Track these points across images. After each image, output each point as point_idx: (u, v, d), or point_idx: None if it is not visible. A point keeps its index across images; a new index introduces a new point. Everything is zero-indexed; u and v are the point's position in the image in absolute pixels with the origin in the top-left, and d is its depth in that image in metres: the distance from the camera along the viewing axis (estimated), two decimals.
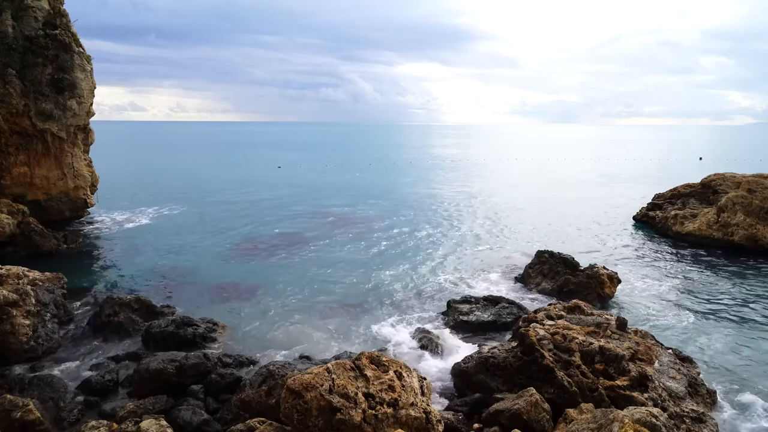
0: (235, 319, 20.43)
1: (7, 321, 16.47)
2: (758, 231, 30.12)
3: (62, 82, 31.53)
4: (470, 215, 42.56)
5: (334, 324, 20.10)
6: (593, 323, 15.82)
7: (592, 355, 13.89)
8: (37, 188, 32.58)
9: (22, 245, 28.47)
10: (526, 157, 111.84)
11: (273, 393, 12.41)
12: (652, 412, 10.35)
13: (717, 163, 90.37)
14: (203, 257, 29.37)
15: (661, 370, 14.17)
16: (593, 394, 12.93)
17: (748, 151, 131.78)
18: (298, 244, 32.24)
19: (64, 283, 20.49)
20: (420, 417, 10.90)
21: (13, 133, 30.99)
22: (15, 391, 14.16)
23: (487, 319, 19.47)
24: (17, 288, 17.61)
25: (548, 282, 23.72)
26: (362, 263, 28.28)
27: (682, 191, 38.89)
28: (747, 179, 33.42)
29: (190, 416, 13.07)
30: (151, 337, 17.89)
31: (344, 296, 23.13)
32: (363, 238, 34.21)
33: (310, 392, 10.55)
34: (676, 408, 12.77)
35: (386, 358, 12.11)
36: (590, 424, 10.61)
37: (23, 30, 30.63)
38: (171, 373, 14.80)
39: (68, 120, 32.23)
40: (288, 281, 24.99)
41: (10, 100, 29.72)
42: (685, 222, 33.94)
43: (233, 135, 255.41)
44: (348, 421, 10.21)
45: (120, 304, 19.63)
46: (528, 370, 14.05)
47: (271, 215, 41.72)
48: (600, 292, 22.42)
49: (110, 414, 13.57)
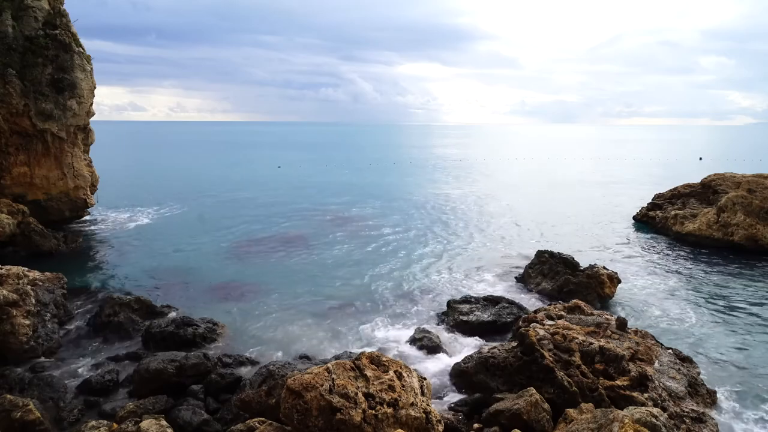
0: (235, 319, 20.43)
1: (7, 321, 16.47)
2: (758, 231, 30.12)
3: (62, 82, 31.54)
4: (470, 215, 42.56)
5: (334, 324, 20.10)
6: (593, 323, 15.82)
7: (592, 355, 13.89)
8: (37, 188, 32.58)
9: (22, 245, 28.48)
10: (526, 157, 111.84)
11: (273, 393, 12.41)
12: (652, 412, 10.35)
13: (717, 163, 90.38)
14: (203, 257, 29.37)
15: (661, 370, 14.17)
16: (593, 394, 12.93)
17: (748, 151, 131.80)
18: (298, 244, 32.24)
19: (64, 283, 20.49)
20: (420, 417, 10.90)
21: (13, 133, 30.99)
22: (15, 391, 14.17)
23: (487, 319, 19.46)
24: (17, 288, 17.62)
25: (548, 282, 23.72)
26: (362, 263, 28.28)
27: (682, 191, 38.90)
28: (747, 179, 33.42)
29: (190, 416, 13.07)
30: (151, 337, 17.90)
31: (344, 296, 23.12)
32: (363, 237, 34.21)
33: (310, 392, 10.55)
34: (676, 408, 12.77)
35: (386, 358, 12.11)
36: (590, 424, 10.61)
37: (23, 30, 30.64)
38: (171, 373, 14.80)
39: (68, 120, 32.24)
40: (288, 281, 24.99)
41: (10, 100, 29.72)
42: (685, 222, 33.95)
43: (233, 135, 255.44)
44: (348, 421, 10.21)
45: (120, 304, 19.63)
46: (528, 370, 14.05)
47: (271, 215, 41.72)
48: (600, 292, 22.41)
49: (110, 414, 13.57)
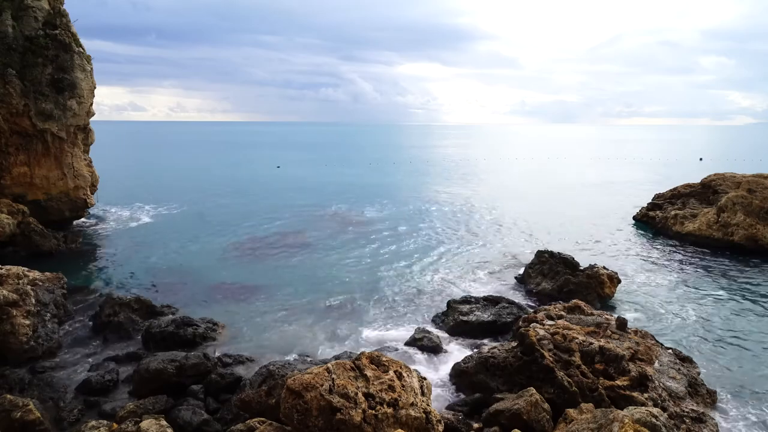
0: (235, 319, 20.42)
1: (7, 321, 16.46)
2: (758, 231, 30.12)
3: (62, 82, 31.53)
4: (470, 215, 42.57)
5: (334, 324, 20.10)
6: (593, 323, 15.82)
7: (592, 355, 13.89)
8: (37, 188, 32.57)
9: (22, 245, 28.47)
10: (526, 157, 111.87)
11: (273, 393, 12.41)
12: (652, 412, 10.35)
13: (717, 163, 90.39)
14: (203, 257, 29.38)
15: (661, 370, 14.17)
16: (593, 394, 12.93)
17: (748, 151, 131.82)
18: (297, 244, 32.25)
19: (64, 283, 20.49)
20: (420, 417, 10.90)
21: (13, 133, 30.98)
22: (15, 391, 14.17)
23: (487, 319, 19.46)
24: (17, 288, 17.61)
25: (548, 282, 23.72)
26: (362, 263, 28.29)
27: (682, 191, 38.90)
28: (747, 179, 33.43)
29: (190, 416, 13.07)
30: (151, 337, 17.89)
31: (344, 296, 23.12)
32: (362, 237, 34.22)
33: (310, 392, 10.55)
34: (676, 408, 12.77)
35: (386, 358, 12.10)
36: (590, 424, 10.61)
37: (23, 30, 30.63)
38: (171, 373, 14.79)
39: (68, 120, 32.23)
40: (288, 281, 24.99)
41: (10, 100, 29.71)
42: (685, 222, 33.95)
43: (233, 135, 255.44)
44: (348, 421, 10.21)
45: (120, 304, 19.63)
46: (528, 370, 14.05)
47: (270, 215, 41.72)
48: (600, 292, 22.41)
49: (110, 414, 13.57)
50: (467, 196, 53.38)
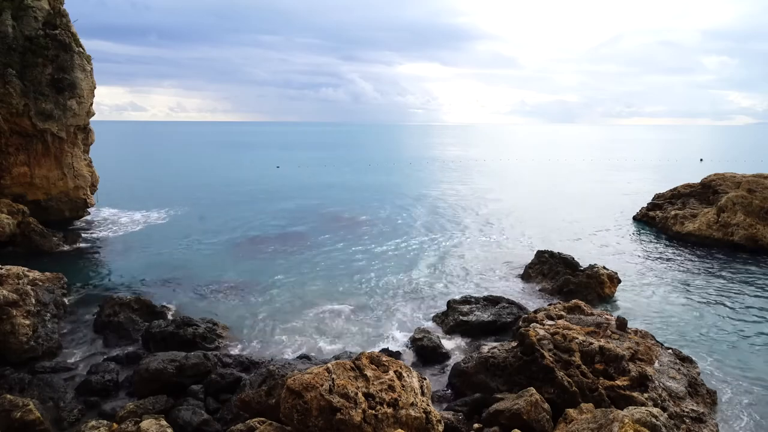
0: (235, 319, 20.43)
1: (7, 321, 16.46)
2: (758, 231, 30.12)
3: (62, 82, 31.53)
4: (470, 215, 42.56)
5: (334, 324, 20.11)
6: (593, 323, 15.82)
7: (592, 355, 13.89)
8: (37, 188, 32.58)
9: (22, 245, 28.49)
10: (526, 157, 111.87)
11: (273, 393, 12.41)
12: (652, 412, 10.35)
13: (717, 163, 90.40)
14: (203, 257, 29.37)
15: (661, 370, 14.17)
16: (593, 394, 12.93)
17: (748, 151, 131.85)
18: (297, 244, 32.24)
19: (64, 283, 20.50)
20: (420, 417, 10.90)
21: (13, 133, 31.00)
22: (15, 391, 14.16)
23: (487, 319, 19.46)
24: (17, 288, 17.61)
25: (548, 282, 23.72)
26: (362, 263, 28.28)
27: (682, 191, 38.91)
28: (747, 179, 33.42)
29: (190, 416, 13.06)
30: (151, 337, 17.89)
31: (344, 296, 23.13)
32: (363, 237, 34.21)
33: (310, 392, 10.55)
34: (676, 408, 12.77)
35: (386, 358, 12.09)
36: (590, 424, 10.61)
37: (23, 30, 30.63)
38: (171, 373, 14.80)
39: (68, 120, 32.23)
40: (288, 281, 24.99)
41: (10, 100, 29.73)
42: (685, 222, 33.95)
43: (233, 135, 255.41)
44: (348, 421, 10.21)
45: (120, 304, 19.63)
46: (528, 370, 14.05)
47: (270, 215, 41.72)
48: (600, 292, 22.42)
49: (110, 414, 13.57)
50: (467, 195, 53.38)
